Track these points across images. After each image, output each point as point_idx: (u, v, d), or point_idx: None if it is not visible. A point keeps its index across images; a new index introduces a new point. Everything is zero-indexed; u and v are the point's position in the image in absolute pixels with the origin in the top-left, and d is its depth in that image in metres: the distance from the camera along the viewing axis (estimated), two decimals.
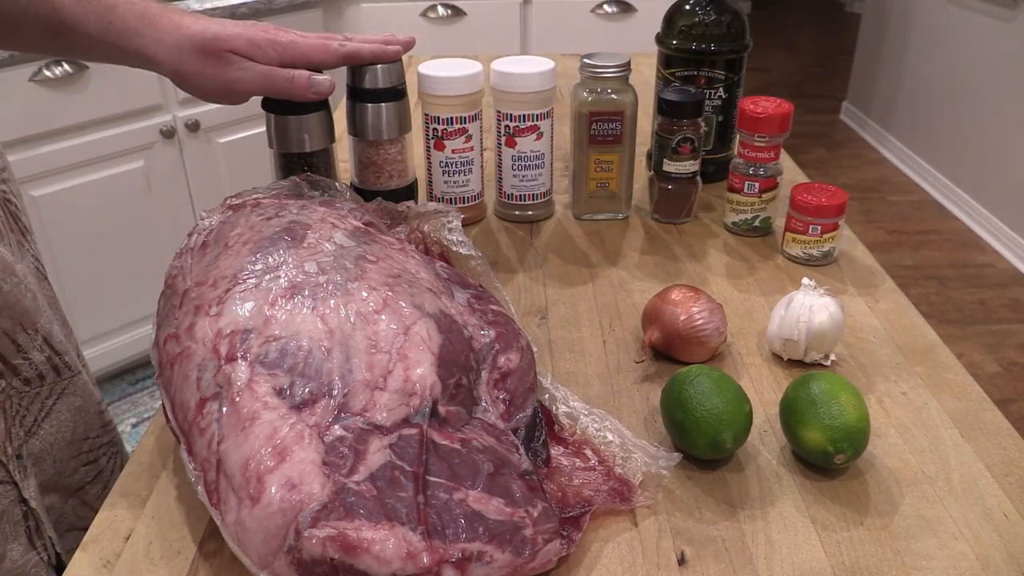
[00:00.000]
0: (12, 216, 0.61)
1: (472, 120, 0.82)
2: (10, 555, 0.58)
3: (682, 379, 0.55)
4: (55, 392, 0.62)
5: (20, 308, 0.58)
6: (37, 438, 0.61)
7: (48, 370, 0.61)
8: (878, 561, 0.48)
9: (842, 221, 0.78)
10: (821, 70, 4.82)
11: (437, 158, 0.83)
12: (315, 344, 0.48)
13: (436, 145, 0.82)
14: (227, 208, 0.61)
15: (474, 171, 0.84)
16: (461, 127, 0.81)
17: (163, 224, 2.07)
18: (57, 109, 1.80)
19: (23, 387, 0.59)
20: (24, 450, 0.60)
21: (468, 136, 0.82)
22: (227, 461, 0.44)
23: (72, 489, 0.65)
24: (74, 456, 0.65)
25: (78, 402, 0.65)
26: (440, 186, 0.85)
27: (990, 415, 0.60)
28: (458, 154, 0.82)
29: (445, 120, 0.81)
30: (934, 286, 2.65)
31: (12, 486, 0.58)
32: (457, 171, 0.83)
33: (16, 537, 0.59)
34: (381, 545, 0.41)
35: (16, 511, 0.59)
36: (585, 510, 0.49)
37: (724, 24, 0.90)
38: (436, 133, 0.82)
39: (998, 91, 2.82)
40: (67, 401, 0.63)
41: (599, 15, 2.26)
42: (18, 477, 0.58)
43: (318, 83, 0.68)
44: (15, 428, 0.59)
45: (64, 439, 0.63)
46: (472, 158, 0.83)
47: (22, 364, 0.59)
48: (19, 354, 0.58)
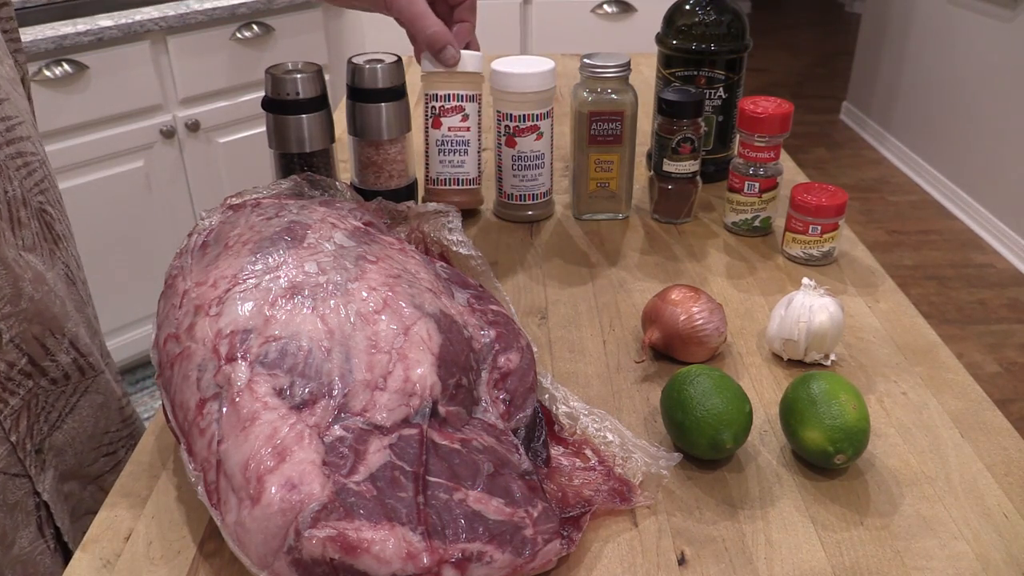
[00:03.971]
0: (47, 226, 0.63)
1: (470, 100, 0.81)
2: (19, 542, 0.61)
3: (682, 379, 0.55)
4: (79, 390, 0.65)
5: (49, 314, 0.60)
6: (60, 432, 0.63)
7: (73, 371, 0.63)
8: (878, 561, 0.48)
9: (842, 221, 0.78)
10: (821, 70, 4.82)
11: (434, 137, 0.82)
12: (315, 344, 0.48)
13: (434, 123, 0.81)
14: (227, 208, 0.61)
15: (470, 153, 0.84)
16: (458, 104, 0.80)
17: (163, 224, 2.07)
18: (57, 109, 1.80)
19: (49, 386, 0.62)
20: (46, 444, 0.62)
21: (465, 115, 0.81)
22: (227, 461, 0.44)
23: (91, 477, 0.67)
24: (94, 448, 0.67)
25: (100, 399, 0.67)
26: (435, 167, 0.84)
27: (990, 415, 0.60)
28: (454, 132, 0.82)
29: (443, 97, 0.80)
30: (934, 286, 2.65)
31: (27, 479, 0.61)
32: (453, 150, 0.82)
33: (27, 526, 0.61)
34: (381, 545, 0.41)
35: (29, 502, 0.61)
36: (585, 510, 0.49)
37: (724, 24, 0.90)
38: (434, 111, 0.81)
39: (998, 91, 2.82)
40: (90, 398, 0.66)
41: (599, 15, 2.26)
42: (33, 472, 0.61)
43: (452, 57, 0.75)
44: (38, 424, 0.61)
45: (85, 433, 0.66)
46: (468, 138, 0.82)
47: (50, 366, 0.61)
48: (47, 357, 0.61)
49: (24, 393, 0.59)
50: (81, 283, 0.69)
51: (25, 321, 0.58)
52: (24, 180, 0.60)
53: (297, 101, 0.75)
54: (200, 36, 1.99)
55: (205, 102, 2.05)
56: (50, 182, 0.65)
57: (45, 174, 0.63)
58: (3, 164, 0.57)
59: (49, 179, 0.64)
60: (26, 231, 0.60)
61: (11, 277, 0.57)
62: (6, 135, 0.58)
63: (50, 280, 0.62)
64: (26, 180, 0.60)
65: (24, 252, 0.59)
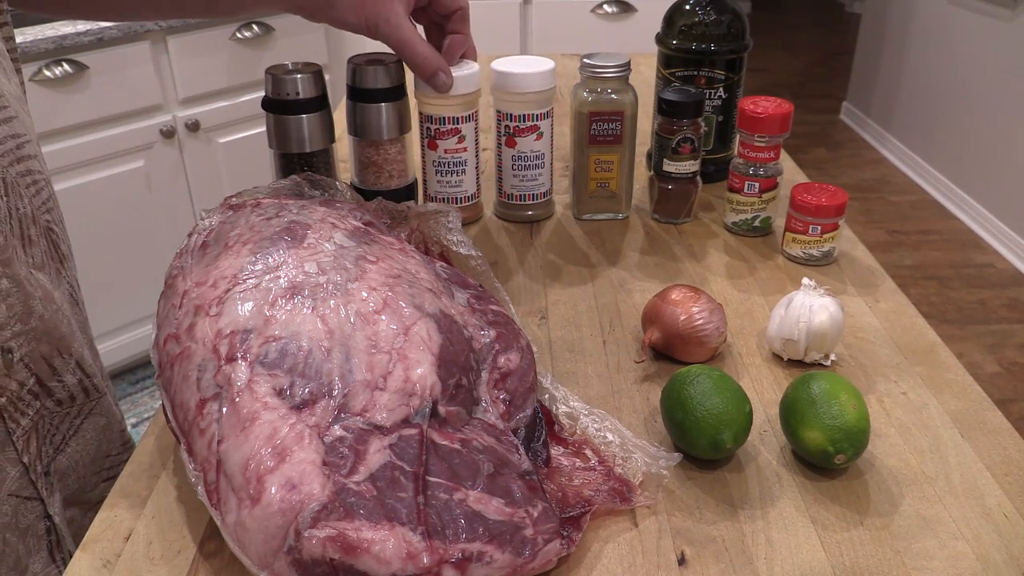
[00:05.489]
0: (53, 244, 0.63)
1: (466, 120, 0.81)
2: (32, 567, 0.60)
3: (682, 379, 0.55)
4: (83, 412, 0.64)
5: (58, 334, 0.60)
6: (64, 455, 0.63)
7: (79, 392, 0.63)
8: (878, 561, 0.48)
9: (842, 221, 0.78)
10: (821, 70, 4.82)
11: (431, 157, 0.83)
12: (315, 344, 0.48)
13: (429, 144, 0.82)
14: (227, 208, 0.61)
15: (468, 172, 0.84)
16: (454, 127, 0.81)
17: (163, 224, 2.07)
18: (57, 109, 1.80)
19: (55, 408, 0.61)
20: (52, 467, 0.62)
21: (461, 136, 0.81)
22: (227, 461, 0.44)
23: (92, 503, 0.67)
24: (96, 472, 0.67)
25: (103, 422, 0.67)
26: (434, 186, 0.84)
27: (990, 415, 0.60)
28: (451, 154, 0.82)
29: (438, 120, 0.81)
30: (934, 286, 2.65)
31: (39, 502, 0.60)
32: (450, 171, 0.83)
33: (39, 551, 0.61)
34: (381, 545, 0.41)
35: (40, 526, 0.61)
36: (585, 510, 0.49)
37: (724, 24, 0.90)
38: (429, 132, 0.81)
39: (998, 91, 2.82)
40: (93, 421, 0.66)
41: (599, 15, 2.26)
42: (44, 494, 0.60)
43: (444, 84, 0.75)
44: (45, 447, 0.61)
45: (88, 456, 0.66)
46: (465, 159, 0.83)
47: (56, 386, 0.61)
48: (54, 377, 0.61)
49: (32, 414, 0.59)
50: (82, 304, 0.69)
51: (35, 340, 0.58)
52: (33, 198, 0.60)
53: (297, 101, 0.75)
54: (200, 36, 1.99)
55: (205, 102, 2.05)
56: (55, 201, 0.64)
57: (50, 193, 0.63)
58: (14, 182, 0.57)
59: (54, 198, 0.64)
60: (35, 249, 0.60)
61: (22, 295, 0.56)
62: (16, 152, 0.58)
63: (58, 299, 0.61)
64: (35, 198, 0.60)
65: (34, 270, 0.59)
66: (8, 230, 0.56)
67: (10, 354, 0.56)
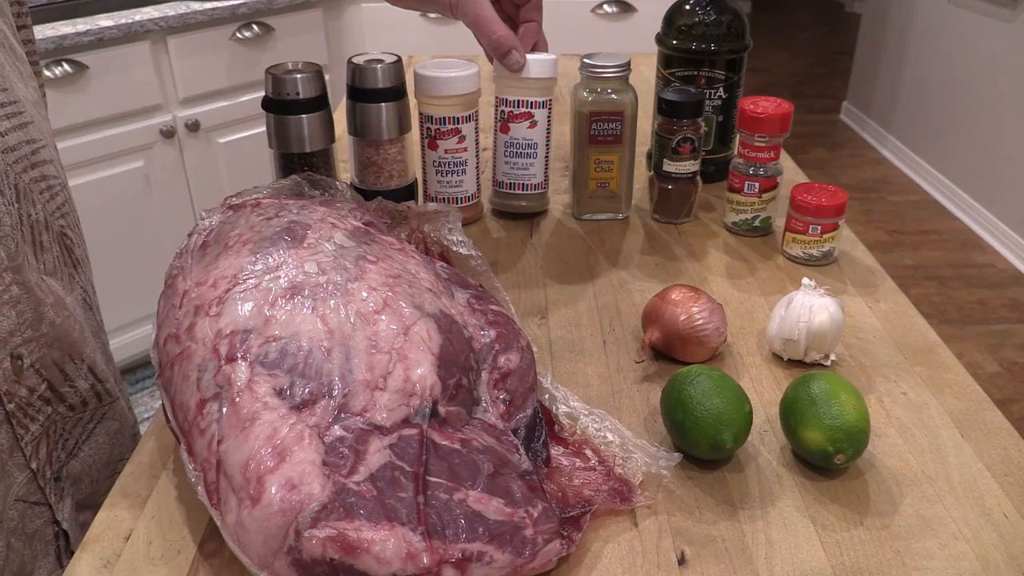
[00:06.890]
0: (67, 250, 0.63)
1: (466, 120, 0.81)
2: (37, 572, 0.60)
3: (682, 379, 0.55)
4: (96, 417, 0.64)
5: (69, 340, 0.60)
6: (77, 460, 0.63)
7: (91, 397, 0.63)
8: (878, 561, 0.48)
9: (842, 221, 0.78)
10: (821, 70, 4.82)
11: (431, 157, 0.83)
12: (315, 344, 0.48)
13: (430, 144, 0.82)
14: (227, 208, 0.61)
15: (468, 172, 0.84)
16: (454, 127, 0.81)
17: (163, 224, 2.07)
18: (57, 109, 1.80)
19: (67, 413, 0.61)
20: (64, 472, 0.62)
21: (461, 136, 0.81)
22: (227, 461, 0.44)
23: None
24: (108, 476, 0.67)
25: (115, 426, 0.67)
26: (434, 186, 0.84)
27: (990, 415, 0.60)
28: (451, 154, 0.82)
29: (438, 120, 0.81)
30: (934, 286, 2.65)
31: (46, 507, 0.60)
32: (450, 171, 0.83)
33: (45, 556, 0.61)
34: (381, 545, 0.41)
35: (48, 531, 0.61)
36: (585, 510, 0.49)
37: (724, 24, 0.90)
38: (429, 132, 0.81)
39: (998, 91, 2.82)
40: (106, 425, 0.65)
41: (599, 15, 2.26)
42: (53, 500, 0.60)
43: (517, 63, 0.74)
44: (57, 451, 0.61)
45: (101, 460, 0.65)
46: (465, 159, 0.83)
47: (68, 392, 0.61)
48: (66, 383, 0.60)
49: (43, 419, 0.59)
50: (96, 309, 0.69)
51: (46, 346, 0.58)
52: (47, 204, 0.60)
53: (297, 101, 0.75)
54: (200, 36, 1.99)
55: (205, 102, 2.05)
56: (70, 206, 0.64)
57: (66, 198, 0.63)
58: (27, 187, 0.57)
59: (70, 203, 0.64)
60: (48, 255, 0.59)
61: (33, 301, 0.56)
62: (31, 158, 0.57)
63: (69, 305, 0.61)
64: (48, 204, 0.60)
65: (46, 276, 0.59)
66: (20, 237, 0.55)
67: (20, 360, 0.56)
